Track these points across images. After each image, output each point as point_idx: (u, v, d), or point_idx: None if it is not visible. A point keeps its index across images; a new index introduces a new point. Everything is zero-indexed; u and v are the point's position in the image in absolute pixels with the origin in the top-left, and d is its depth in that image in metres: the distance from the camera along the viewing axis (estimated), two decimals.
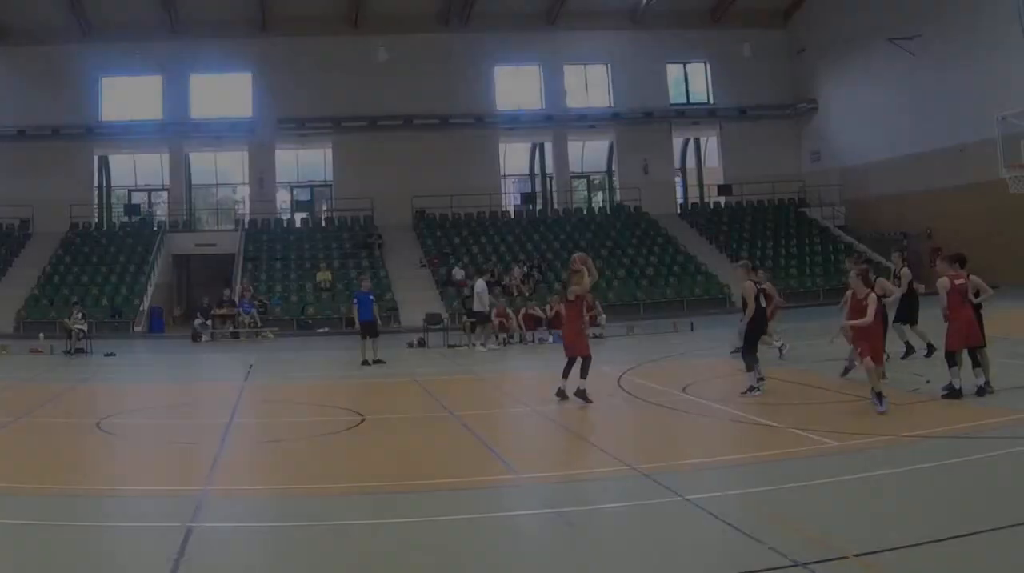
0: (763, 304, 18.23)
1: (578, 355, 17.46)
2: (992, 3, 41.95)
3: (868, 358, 14.91)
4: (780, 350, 22.38)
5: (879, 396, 14.56)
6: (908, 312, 21.05)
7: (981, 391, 15.32)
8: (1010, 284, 36.95)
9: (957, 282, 15.79)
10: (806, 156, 57.69)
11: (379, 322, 28.10)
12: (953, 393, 15.36)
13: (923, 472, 10.94)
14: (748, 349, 17.70)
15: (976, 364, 15.61)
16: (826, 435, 13.02)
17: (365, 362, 25.99)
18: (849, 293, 16.80)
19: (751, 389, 17.24)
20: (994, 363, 16.06)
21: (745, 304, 17.89)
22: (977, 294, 16.37)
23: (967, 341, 15.55)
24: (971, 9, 43.60)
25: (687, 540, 8.97)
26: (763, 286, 19.22)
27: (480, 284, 31.51)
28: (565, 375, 17.48)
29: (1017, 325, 24.46)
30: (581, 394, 17.04)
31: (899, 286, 21.17)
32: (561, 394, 17.32)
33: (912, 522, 9.07)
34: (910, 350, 21.04)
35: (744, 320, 17.96)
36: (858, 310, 15.62)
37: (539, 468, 12.56)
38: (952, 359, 15.55)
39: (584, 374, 17.26)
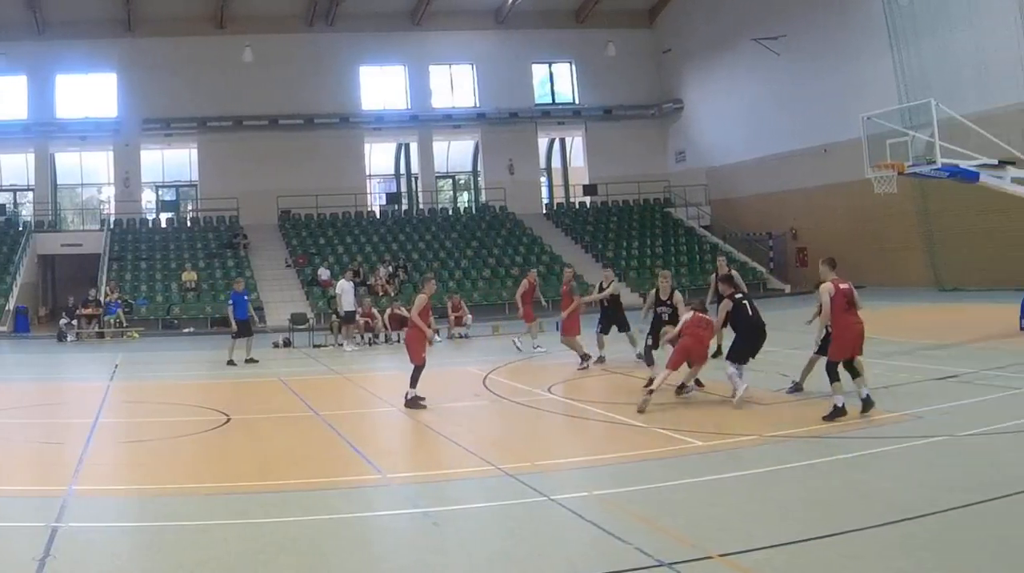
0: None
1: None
2: (857, 3, 43.13)
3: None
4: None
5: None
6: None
7: (867, 405, 14.16)
8: (874, 284, 38.19)
9: (842, 287, 14.71)
10: (671, 156, 58.82)
11: (256, 320, 28.34)
12: (837, 413, 13.90)
13: (789, 472, 11.24)
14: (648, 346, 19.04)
15: (856, 374, 14.54)
16: (692, 435, 13.30)
17: (231, 362, 26.05)
18: None
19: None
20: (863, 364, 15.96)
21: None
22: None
23: (851, 352, 14.59)
24: (836, 9, 44.80)
25: (553, 540, 9.09)
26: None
27: (343, 284, 31.57)
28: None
29: (883, 325, 24.99)
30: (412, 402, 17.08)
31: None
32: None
33: (777, 521, 9.31)
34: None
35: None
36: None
37: (405, 468, 12.81)
38: (834, 373, 14.31)
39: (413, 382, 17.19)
